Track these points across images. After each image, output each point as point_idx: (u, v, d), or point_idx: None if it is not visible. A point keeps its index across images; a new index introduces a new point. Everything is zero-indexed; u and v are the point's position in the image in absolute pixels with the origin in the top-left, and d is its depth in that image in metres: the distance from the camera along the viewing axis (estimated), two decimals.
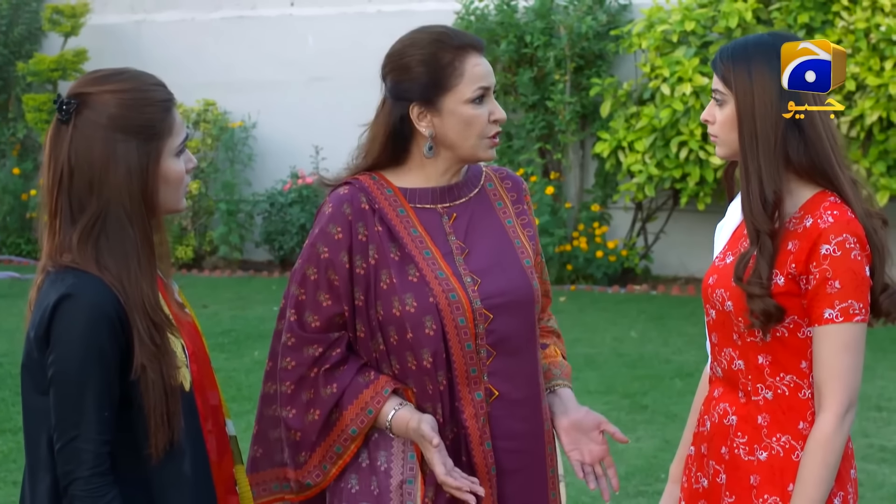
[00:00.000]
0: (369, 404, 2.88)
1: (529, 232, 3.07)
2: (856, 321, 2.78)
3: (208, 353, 2.83)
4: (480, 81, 2.92)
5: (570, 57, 10.76)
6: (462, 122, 2.92)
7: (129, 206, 2.61)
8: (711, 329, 2.98)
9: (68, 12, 12.43)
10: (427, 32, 2.98)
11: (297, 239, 11.58)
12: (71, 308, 2.54)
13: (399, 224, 2.94)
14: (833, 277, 2.77)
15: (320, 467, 2.94)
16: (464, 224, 2.99)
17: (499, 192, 3.08)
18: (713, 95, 2.93)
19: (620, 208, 11.12)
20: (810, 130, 2.84)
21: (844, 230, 2.79)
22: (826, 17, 9.74)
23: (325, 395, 2.90)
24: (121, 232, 2.60)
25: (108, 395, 2.54)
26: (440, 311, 2.87)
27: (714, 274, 2.96)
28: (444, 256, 2.93)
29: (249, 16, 12.34)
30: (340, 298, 2.91)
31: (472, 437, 2.90)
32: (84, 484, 2.53)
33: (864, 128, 9.50)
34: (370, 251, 2.92)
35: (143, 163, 2.61)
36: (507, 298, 2.94)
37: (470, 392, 2.90)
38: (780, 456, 2.85)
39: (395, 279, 2.89)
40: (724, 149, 2.94)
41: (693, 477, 3.03)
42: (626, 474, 6.08)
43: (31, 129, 12.72)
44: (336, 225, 2.94)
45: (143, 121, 2.62)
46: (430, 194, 2.99)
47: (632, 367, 7.97)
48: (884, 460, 6.25)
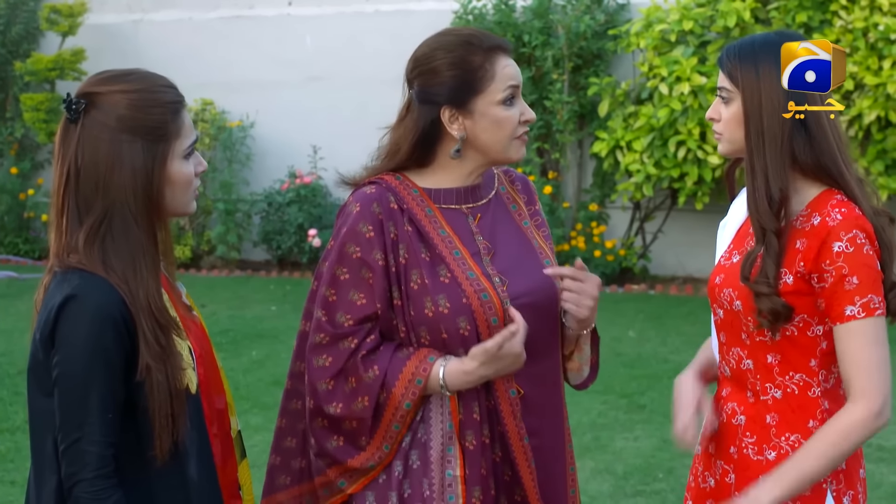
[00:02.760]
0: (416, 374, 2.87)
1: (544, 232, 3.09)
2: (877, 315, 2.79)
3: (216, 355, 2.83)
4: (510, 81, 2.93)
5: (568, 56, 10.76)
6: (494, 124, 2.93)
7: (135, 207, 2.61)
8: (719, 329, 2.98)
9: (66, 12, 12.42)
10: (454, 35, 2.97)
11: (294, 238, 11.58)
12: (76, 309, 2.54)
13: (428, 224, 2.94)
14: (850, 274, 2.78)
15: (382, 448, 2.92)
16: (488, 224, 3.01)
17: (512, 195, 3.09)
18: (719, 93, 2.93)
19: (618, 208, 11.12)
20: (816, 129, 2.85)
21: (854, 226, 2.80)
22: (824, 17, 9.74)
23: (369, 379, 2.88)
24: (126, 233, 2.60)
25: (113, 396, 2.54)
26: (473, 312, 2.88)
27: (721, 273, 2.96)
28: (472, 256, 2.94)
29: (247, 15, 12.34)
30: (374, 297, 2.90)
31: (510, 434, 2.92)
32: (88, 486, 2.52)
33: (862, 127, 9.49)
34: (400, 250, 2.92)
35: (149, 164, 2.61)
36: (533, 298, 2.95)
37: (506, 390, 2.93)
38: (789, 455, 2.85)
39: (427, 280, 2.89)
40: (728, 146, 2.94)
41: (700, 476, 3.03)
42: (623, 473, 6.09)
43: (28, 128, 12.71)
44: (367, 223, 2.92)
45: (151, 122, 2.62)
46: (454, 195, 3.00)
47: (630, 367, 7.97)
48: (881, 459, 6.26)
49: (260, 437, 6.23)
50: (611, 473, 6.09)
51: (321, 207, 11.63)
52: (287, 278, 11.60)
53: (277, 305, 10.10)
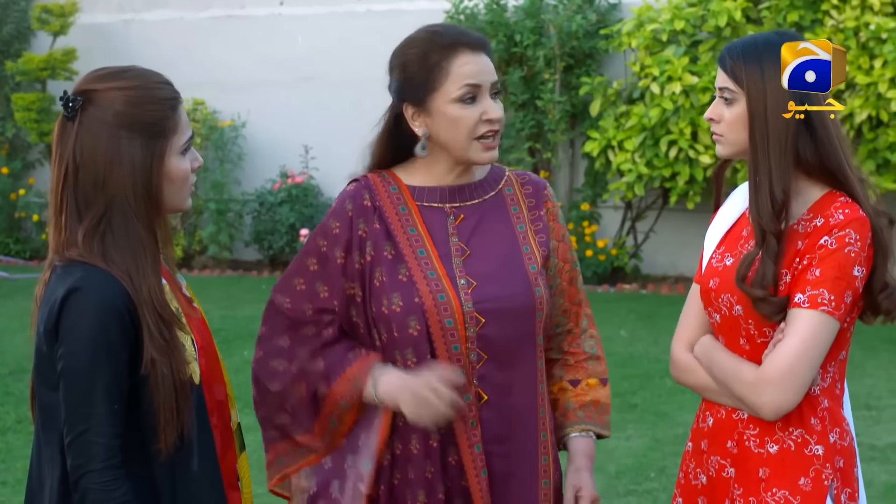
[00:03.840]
0: (357, 377, 2.89)
1: (541, 238, 3.03)
2: (821, 310, 2.78)
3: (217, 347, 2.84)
4: (467, 80, 2.88)
5: (560, 56, 10.76)
6: (449, 122, 2.89)
7: (134, 203, 2.62)
8: (718, 332, 2.97)
9: (57, 11, 12.40)
10: (425, 31, 2.96)
11: (286, 238, 11.57)
12: (79, 301, 2.54)
13: (396, 222, 2.93)
14: (816, 266, 2.79)
15: (322, 438, 2.96)
16: (470, 226, 2.97)
17: (516, 198, 3.04)
18: (720, 94, 2.90)
19: (610, 207, 11.12)
20: (821, 130, 2.84)
21: (849, 226, 2.80)
22: (815, 16, 9.75)
23: (311, 369, 2.92)
24: (126, 229, 2.61)
25: (119, 388, 2.54)
26: (425, 312, 2.86)
27: (715, 277, 2.95)
28: (440, 257, 2.92)
29: (238, 15, 12.33)
30: (334, 293, 2.93)
31: (459, 440, 2.88)
32: (97, 477, 2.52)
33: (853, 126, 9.51)
34: (367, 248, 2.92)
35: (148, 160, 2.62)
36: (502, 304, 2.90)
37: (461, 395, 2.85)
38: (791, 450, 2.86)
39: (386, 278, 2.89)
40: (729, 148, 2.93)
41: (691, 473, 3.03)
42: (616, 473, 6.09)
43: (19, 128, 12.69)
44: (336, 220, 2.95)
45: (149, 118, 2.63)
46: (438, 193, 2.98)
47: (621, 366, 7.97)
48: (873, 459, 6.26)
49: (251, 436, 6.22)
50: (603, 473, 6.08)
51: (313, 207, 11.62)
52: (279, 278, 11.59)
53: None
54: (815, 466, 2.85)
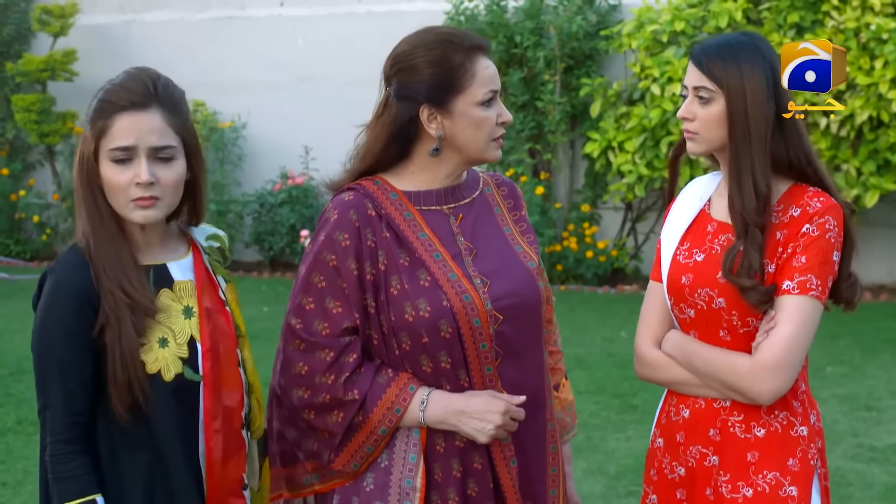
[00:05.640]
0: (395, 403, 2.87)
1: (529, 238, 3.07)
2: (810, 295, 2.87)
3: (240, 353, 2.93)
4: (491, 84, 2.92)
5: (560, 57, 10.76)
6: (473, 124, 2.91)
7: (99, 199, 2.77)
8: (689, 327, 3.02)
9: (57, 12, 12.40)
10: (434, 33, 2.95)
11: (286, 239, 11.57)
12: (47, 283, 2.72)
13: (407, 229, 2.93)
14: (801, 252, 2.87)
15: (350, 465, 2.92)
16: (470, 224, 3.00)
17: (496, 199, 3.08)
18: (696, 93, 2.96)
19: (610, 208, 11.12)
20: (790, 127, 2.93)
21: (827, 213, 2.89)
22: (816, 17, 9.75)
23: (347, 400, 2.87)
24: (101, 218, 2.75)
25: (77, 366, 2.67)
26: (455, 314, 2.87)
27: (687, 273, 3.00)
28: (453, 258, 2.93)
29: (239, 16, 12.33)
30: (351, 306, 2.88)
31: (496, 458, 2.92)
32: (50, 450, 2.68)
33: (854, 127, 9.51)
34: (379, 257, 2.90)
35: (92, 165, 2.76)
36: (516, 300, 2.94)
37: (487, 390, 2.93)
38: (778, 432, 2.93)
39: (407, 285, 2.88)
40: (703, 146, 3.00)
41: (666, 468, 3.06)
42: (616, 474, 6.09)
43: (20, 129, 12.69)
44: (343, 232, 2.91)
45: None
46: (434, 196, 2.98)
47: (622, 367, 7.97)
48: (873, 460, 6.26)
49: None
50: (603, 474, 6.09)
51: (313, 208, 11.63)
52: (279, 279, 11.59)
53: (269, 306, 10.08)
54: (802, 447, 2.94)
